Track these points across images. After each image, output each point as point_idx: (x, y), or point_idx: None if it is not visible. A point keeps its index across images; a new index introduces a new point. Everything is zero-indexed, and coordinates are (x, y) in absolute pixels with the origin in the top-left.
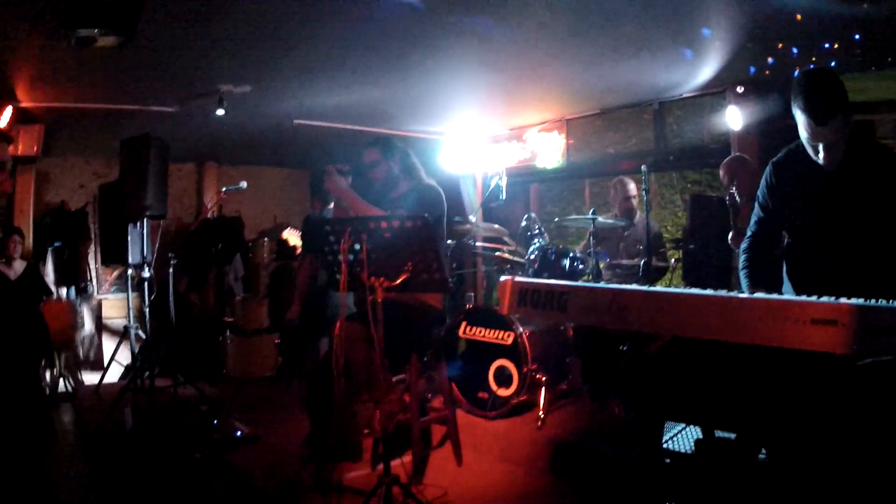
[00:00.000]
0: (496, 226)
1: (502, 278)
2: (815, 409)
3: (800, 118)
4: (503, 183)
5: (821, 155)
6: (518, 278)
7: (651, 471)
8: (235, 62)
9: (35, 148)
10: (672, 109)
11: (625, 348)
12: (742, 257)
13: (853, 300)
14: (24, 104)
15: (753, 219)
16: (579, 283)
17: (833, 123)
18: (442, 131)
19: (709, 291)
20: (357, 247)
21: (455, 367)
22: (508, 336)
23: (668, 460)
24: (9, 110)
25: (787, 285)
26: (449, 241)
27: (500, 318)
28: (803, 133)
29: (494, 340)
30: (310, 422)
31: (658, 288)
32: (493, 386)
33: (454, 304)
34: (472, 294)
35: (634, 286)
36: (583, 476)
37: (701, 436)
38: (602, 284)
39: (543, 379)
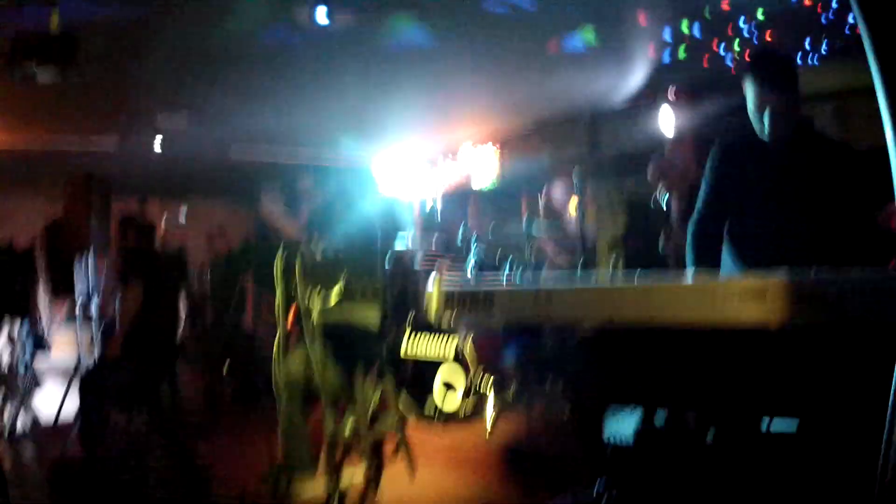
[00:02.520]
0: (434, 237)
1: (429, 286)
2: (750, 382)
3: (749, 88)
4: (438, 205)
5: (766, 123)
6: (444, 285)
7: (592, 462)
8: (170, 89)
9: None
10: (605, 120)
11: (548, 337)
12: (689, 237)
13: (779, 274)
14: None
15: (700, 197)
16: (504, 286)
17: (779, 87)
18: (378, 156)
19: (632, 282)
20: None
21: (402, 380)
22: (452, 347)
23: (608, 450)
24: None
25: (725, 268)
26: (387, 266)
27: (443, 330)
28: (751, 102)
29: (438, 352)
30: None
31: (581, 284)
32: (440, 396)
33: (397, 323)
34: (414, 311)
35: (557, 284)
36: (533, 478)
37: (640, 422)
38: (526, 285)
39: (490, 385)
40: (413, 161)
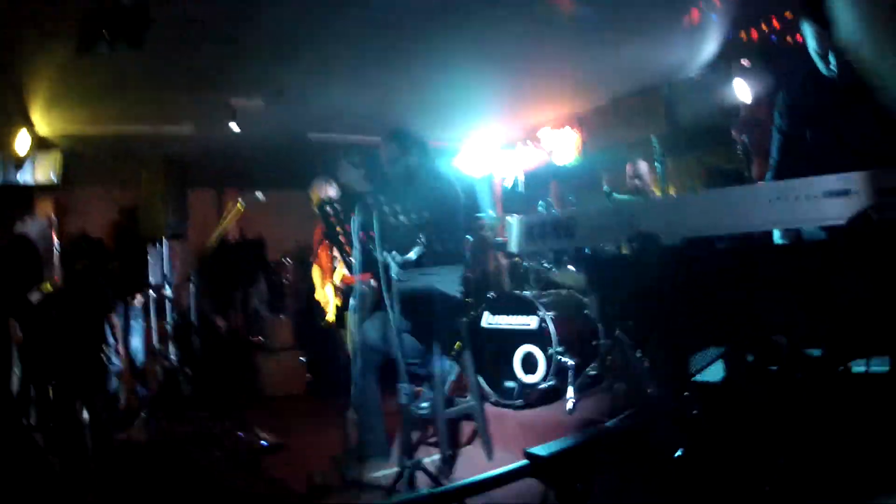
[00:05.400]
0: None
1: (508, 217)
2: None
3: (808, 31)
4: (520, 186)
5: (832, 64)
6: (524, 216)
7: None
8: (246, 71)
9: (53, 175)
10: (681, 91)
11: (632, 248)
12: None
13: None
14: (40, 131)
15: (774, 147)
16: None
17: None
18: (459, 137)
19: (717, 190)
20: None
21: (481, 357)
22: (532, 320)
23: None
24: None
25: None
26: (468, 237)
27: (524, 304)
28: (813, 46)
29: (519, 326)
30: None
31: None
32: (520, 373)
33: (478, 295)
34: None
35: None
36: (618, 458)
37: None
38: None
39: (571, 363)
40: (495, 144)
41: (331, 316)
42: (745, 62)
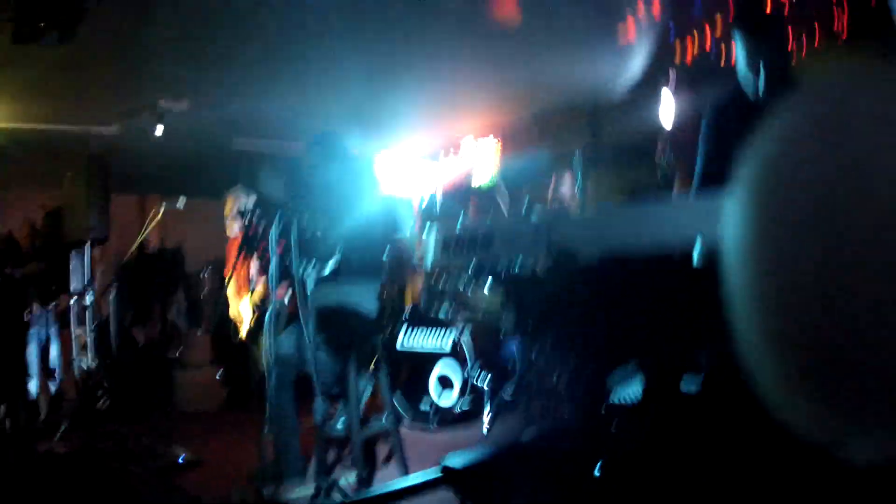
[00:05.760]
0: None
1: (426, 232)
2: None
3: (740, 46)
4: (438, 197)
5: (760, 82)
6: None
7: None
8: (172, 70)
9: None
10: (606, 109)
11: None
12: None
13: None
14: None
15: (697, 167)
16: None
17: (769, 38)
18: (381, 148)
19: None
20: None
21: (396, 377)
22: (448, 341)
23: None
24: None
25: None
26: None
27: (441, 324)
28: (743, 62)
29: (435, 347)
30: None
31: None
32: (436, 395)
33: (394, 314)
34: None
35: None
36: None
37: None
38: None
39: (487, 383)
40: (415, 157)
41: (246, 331)
42: (672, 82)
